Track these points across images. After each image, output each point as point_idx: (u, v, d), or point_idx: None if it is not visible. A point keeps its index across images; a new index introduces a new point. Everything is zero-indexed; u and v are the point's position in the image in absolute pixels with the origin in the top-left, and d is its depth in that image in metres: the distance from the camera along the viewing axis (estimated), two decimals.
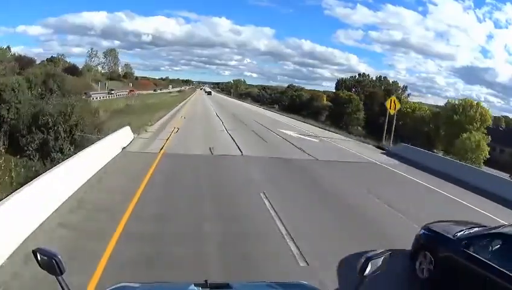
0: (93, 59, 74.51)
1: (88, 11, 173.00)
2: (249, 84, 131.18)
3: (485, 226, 4.78)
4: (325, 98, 67.15)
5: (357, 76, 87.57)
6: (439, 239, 4.55)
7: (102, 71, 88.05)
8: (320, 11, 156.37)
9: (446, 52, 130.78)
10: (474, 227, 4.67)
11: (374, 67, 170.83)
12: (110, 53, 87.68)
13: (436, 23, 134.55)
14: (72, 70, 65.31)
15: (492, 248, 3.81)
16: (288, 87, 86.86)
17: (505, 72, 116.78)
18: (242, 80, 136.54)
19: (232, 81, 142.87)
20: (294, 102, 73.32)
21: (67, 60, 76.21)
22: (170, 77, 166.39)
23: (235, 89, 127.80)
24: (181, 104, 43.82)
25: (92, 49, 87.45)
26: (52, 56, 74.73)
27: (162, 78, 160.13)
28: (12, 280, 3.99)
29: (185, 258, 4.88)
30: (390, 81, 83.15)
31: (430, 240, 4.68)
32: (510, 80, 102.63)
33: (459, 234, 4.39)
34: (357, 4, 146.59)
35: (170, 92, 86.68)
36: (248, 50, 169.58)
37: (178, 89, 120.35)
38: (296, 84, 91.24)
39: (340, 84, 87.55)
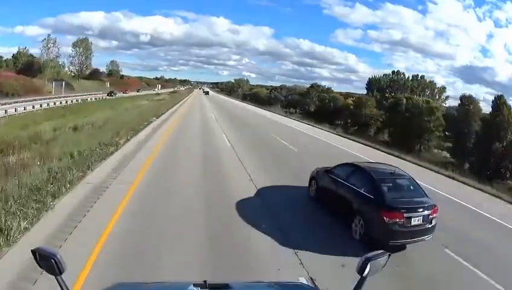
0: (50, 50, 54.04)
1: (86, 11, 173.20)
2: (251, 84, 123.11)
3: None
4: (371, 104, 47.54)
5: (391, 74, 75.31)
6: (319, 172, 8.14)
7: (71, 68, 66.53)
8: (319, 10, 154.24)
9: (445, 52, 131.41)
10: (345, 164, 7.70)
11: (373, 66, 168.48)
12: (81, 43, 66.50)
13: (435, 22, 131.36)
14: (29, 67, 56.17)
15: (339, 172, 7.50)
16: (311, 87, 67.12)
17: (504, 71, 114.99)
18: (245, 79, 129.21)
19: (233, 81, 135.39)
20: (325, 106, 53.68)
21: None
22: (168, 77, 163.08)
23: (236, 89, 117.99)
24: (163, 117, 28.29)
25: (48, 36, 66.62)
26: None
27: (156, 78, 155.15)
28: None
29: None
30: (427, 81, 72.55)
31: (315, 174, 8.31)
32: (509, 79, 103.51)
33: (328, 169, 7.62)
34: (356, 3, 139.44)
35: (158, 94, 65.46)
36: (246, 50, 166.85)
37: (171, 89, 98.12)
38: (320, 84, 73.21)
39: (373, 83, 75.16)
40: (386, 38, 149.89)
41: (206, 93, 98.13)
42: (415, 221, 5.95)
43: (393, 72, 73.22)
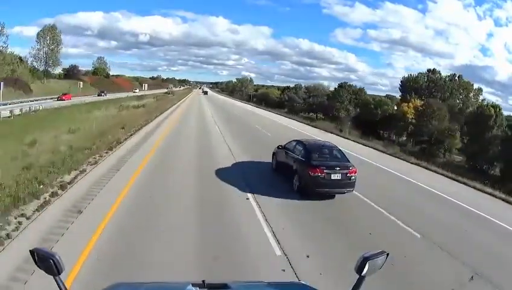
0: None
1: (84, 11, 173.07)
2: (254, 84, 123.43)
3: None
4: (442, 114, 32.82)
5: (428, 73, 62.09)
6: (277, 148, 11.41)
7: (34, 62, 52.26)
8: (319, 9, 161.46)
9: (445, 51, 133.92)
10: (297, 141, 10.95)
11: (372, 66, 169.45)
12: (47, 32, 51.80)
13: (435, 21, 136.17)
14: None
15: (288, 146, 10.69)
16: (341, 87, 52.67)
17: (504, 70, 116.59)
18: (248, 78, 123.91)
19: (235, 80, 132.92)
20: (368, 113, 39.35)
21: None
22: (166, 77, 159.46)
23: (238, 90, 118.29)
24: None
25: None
26: None
27: (152, 77, 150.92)
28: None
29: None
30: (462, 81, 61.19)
31: (276, 149, 11.59)
32: (509, 78, 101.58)
33: (283, 144, 11.22)
34: (355, 2, 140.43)
35: (141, 98, 49.66)
36: (246, 49, 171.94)
37: (165, 90, 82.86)
38: (352, 84, 65.94)
39: (409, 84, 61.26)
40: (385, 38, 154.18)
41: (205, 93, 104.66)
42: (334, 176, 8.87)
43: (428, 70, 62.80)
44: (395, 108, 47.81)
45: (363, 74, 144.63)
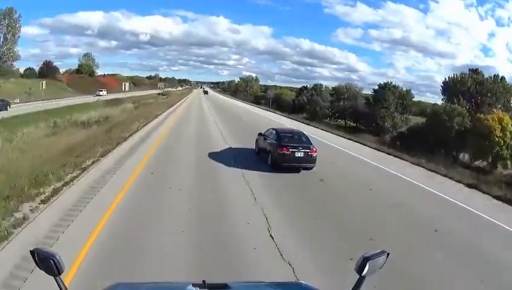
0: None
1: (84, 11, 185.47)
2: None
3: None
4: None
5: (470, 73, 49.28)
6: (258, 135, 15.33)
7: None
8: (320, 9, 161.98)
9: (446, 51, 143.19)
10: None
11: (373, 66, 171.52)
12: (2, 18, 39.35)
13: (437, 21, 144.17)
14: None
15: (266, 133, 14.17)
16: (384, 87, 38.45)
17: (505, 70, 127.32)
18: (254, 77, 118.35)
19: (238, 80, 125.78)
20: (440, 126, 24.51)
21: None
22: (165, 77, 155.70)
23: (242, 90, 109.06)
24: None
25: None
26: None
27: (149, 77, 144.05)
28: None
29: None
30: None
31: (258, 136, 15.21)
32: (510, 78, 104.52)
33: (263, 132, 15.60)
34: (357, 2, 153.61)
35: (113, 105, 34.81)
36: (246, 49, 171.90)
37: (160, 91, 69.83)
38: (397, 85, 51.24)
39: (453, 86, 48.16)
40: (386, 37, 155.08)
41: (206, 92, 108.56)
42: (298, 154, 12.11)
43: (471, 70, 51.40)
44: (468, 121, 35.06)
45: (364, 73, 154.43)
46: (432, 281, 5.86)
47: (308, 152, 12.52)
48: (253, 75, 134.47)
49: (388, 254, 1.88)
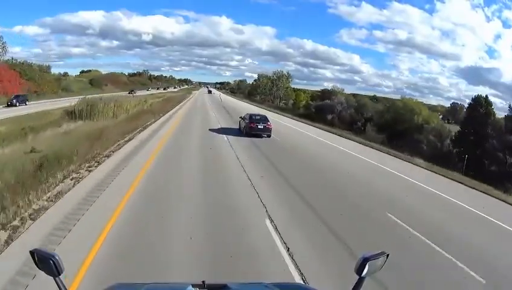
0: None
1: (84, 10, 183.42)
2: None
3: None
4: None
5: None
6: (240, 118, 25.49)
7: None
8: (324, 9, 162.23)
9: (451, 52, 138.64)
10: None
11: (377, 67, 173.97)
12: None
13: (442, 21, 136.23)
14: None
15: (244, 116, 24.40)
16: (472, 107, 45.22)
17: (510, 72, 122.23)
18: (285, 72, 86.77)
19: (256, 78, 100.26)
20: None
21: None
22: (159, 75, 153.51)
23: (264, 92, 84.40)
24: None
25: None
26: None
27: (132, 74, 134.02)
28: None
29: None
30: None
31: (240, 118, 25.19)
32: None
33: (243, 115, 26.01)
34: (362, 2, 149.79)
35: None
36: (249, 50, 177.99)
37: (148, 92, 75.60)
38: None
39: None
40: (391, 38, 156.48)
41: (209, 92, 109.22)
42: (260, 126, 22.11)
43: None
44: None
45: (367, 75, 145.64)
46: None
47: (265, 125, 22.79)
48: (285, 71, 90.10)
49: (388, 254, 1.98)
